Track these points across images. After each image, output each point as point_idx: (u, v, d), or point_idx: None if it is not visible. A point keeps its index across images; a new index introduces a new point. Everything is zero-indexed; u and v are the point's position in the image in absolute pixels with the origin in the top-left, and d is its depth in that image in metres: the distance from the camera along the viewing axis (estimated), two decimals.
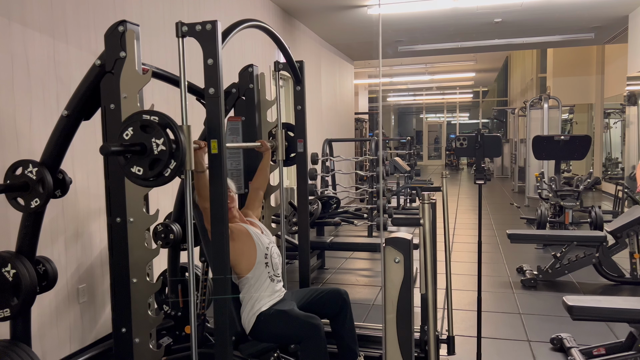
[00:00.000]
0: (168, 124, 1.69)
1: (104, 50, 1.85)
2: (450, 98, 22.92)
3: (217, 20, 1.76)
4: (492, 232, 6.90)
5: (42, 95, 2.75)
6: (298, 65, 2.76)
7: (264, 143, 2.67)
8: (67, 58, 2.91)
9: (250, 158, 2.84)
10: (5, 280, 1.92)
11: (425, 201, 2.07)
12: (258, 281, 2.37)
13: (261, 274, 2.38)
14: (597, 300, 2.89)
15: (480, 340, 2.77)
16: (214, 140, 1.79)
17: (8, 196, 1.98)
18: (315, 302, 2.49)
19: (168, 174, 1.69)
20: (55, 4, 2.84)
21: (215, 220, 1.83)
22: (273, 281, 2.42)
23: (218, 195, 1.82)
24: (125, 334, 1.90)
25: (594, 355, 2.89)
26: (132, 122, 1.69)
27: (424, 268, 2.06)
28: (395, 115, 27.77)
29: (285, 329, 2.27)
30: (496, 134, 3.30)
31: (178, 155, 1.69)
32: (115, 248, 1.90)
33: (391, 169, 8.53)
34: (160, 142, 1.67)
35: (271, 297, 2.39)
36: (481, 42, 8.80)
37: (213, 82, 1.77)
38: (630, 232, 4.29)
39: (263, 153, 2.69)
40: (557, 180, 6.21)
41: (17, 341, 1.99)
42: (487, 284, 4.53)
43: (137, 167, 1.69)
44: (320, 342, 2.19)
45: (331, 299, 2.49)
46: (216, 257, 1.85)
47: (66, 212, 2.91)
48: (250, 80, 2.76)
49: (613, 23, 7.59)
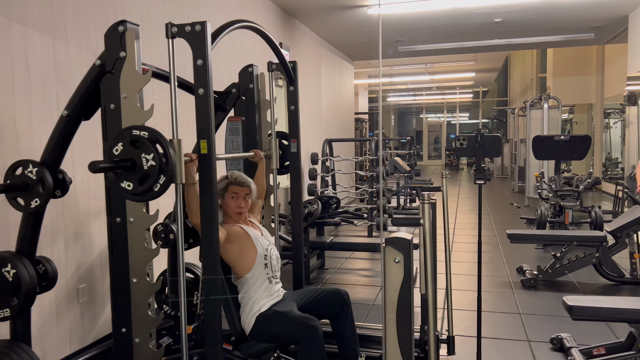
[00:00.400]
0: (158, 140, 1.71)
1: (104, 50, 1.85)
2: (450, 98, 22.92)
3: (206, 21, 1.78)
4: (492, 232, 6.90)
5: (42, 95, 2.75)
6: (291, 65, 2.77)
7: (257, 153, 2.69)
8: (67, 58, 2.91)
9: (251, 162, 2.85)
10: (5, 280, 1.92)
11: (425, 201, 2.07)
12: (257, 282, 2.37)
13: (260, 275, 2.39)
14: (597, 300, 2.89)
15: (480, 340, 2.77)
16: (203, 141, 1.81)
17: (8, 196, 1.98)
18: (316, 303, 2.49)
19: (157, 189, 1.71)
20: (55, 4, 2.83)
21: (205, 220, 1.85)
22: (271, 282, 2.43)
23: (208, 196, 1.84)
24: (125, 334, 1.90)
25: (594, 355, 2.89)
26: (122, 137, 1.71)
27: (424, 268, 2.06)
28: (395, 115, 27.77)
29: (284, 330, 2.27)
30: (496, 134, 3.30)
31: (167, 170, 1.71)
32: (115, 248, 1.90)
33: (391, 169, 8.52)
34: (150, 158, 1.69)
35: (270, 297, 2.40)
36: (481, 42, 8.80)
37: (202, 83, 1.79)
38: (630, 232, 4.29)
39: (257, 162, 2.71)
40: (557, 180, 6.21)
41: (17, 341, 1.99)
42: (487, 284, 4.53)
43: (127, 182, 1.71)
44: (317, 343, 2.19)
45: (331, 299, 2.49)
46: (206, 258, 1.88)
47: (66, 212, 2.91)
48: (250, 80, 2.76)
49: (613, 23, 7.59)
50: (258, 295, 2.36)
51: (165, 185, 1.70)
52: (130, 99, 1.84)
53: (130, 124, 1.83)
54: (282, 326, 2.27)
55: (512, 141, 13.25)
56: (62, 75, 2.88)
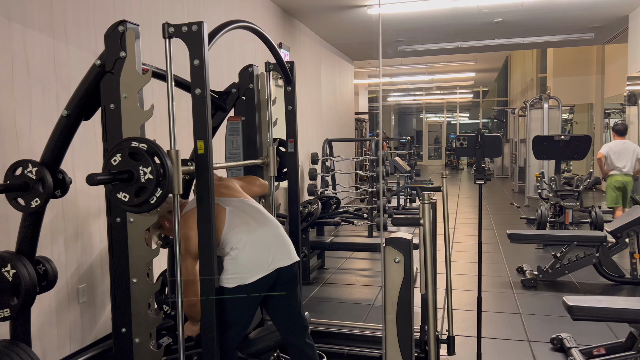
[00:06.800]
0: (156, 152, 1.71)
1: (104, 50, 1.85)
2: (450, 98, 22.92)
3: (203, 21, 1.78)
4: (492, 232, 6.90)
5: (42, 95, 2.75)
6: (289, 65, 2.77)
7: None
8: (67, 58, 2.91)
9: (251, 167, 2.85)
10: (5, 280, 1.92)
11: (425, 201, 2.07)
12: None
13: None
14: (597, 300, 2.89)
15: (480, 340, 2.77)
16: (200, 141, 1.82)
17: (8, 196, 1.98)
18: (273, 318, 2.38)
19: (154, 201, 1.72)
20: (55, 4, 2.83)
21: (202, 220, 1.86)
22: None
23: (205, 197, 1.85)
24: (125, 334, 1.90)
25: (594, 355, 2.89)
26: (121, 148, 1.72)
27: (424, 268, 2.06)
28: (395, 115, 27.77)
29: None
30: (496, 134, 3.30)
31: (165, 183, 1.71)
32: (115, 248, 1.90)
33: (391, 169, 8.52)
34: (147, 171, 1.70)
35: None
36: (481, 42, 8.80)
37: (199, 83, 1.80)
38: (630, 232, 4.29)
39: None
40: (557, 180, 6.21)
41: (17, 341, 1.99)
42: (487, 284, 4.53)
43: (124, 193, 1.72)
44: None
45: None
46: (203, 259, 1.88)
47: (66, 212, 2.91)
48: (250, 80, 2.76)
49: (613, 23, 7.59)
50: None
51: (162, 198, 1.72)
52: (130, 99, 1.84)
53: (131, 124, 1.83)
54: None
55: (512, 141, 13.25)
56: (62, 75, 2.88)
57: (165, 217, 2.25)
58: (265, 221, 2.28)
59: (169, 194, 1.74)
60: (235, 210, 2.21)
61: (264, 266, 2.13)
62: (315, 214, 4.87)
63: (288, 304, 2.28)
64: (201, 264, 1.90)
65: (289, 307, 2.29)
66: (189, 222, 2.02)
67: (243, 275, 2.09)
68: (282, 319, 2.31)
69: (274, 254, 2.18)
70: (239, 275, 2.08)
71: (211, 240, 1.86)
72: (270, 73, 2.78)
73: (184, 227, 2.02)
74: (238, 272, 2.09)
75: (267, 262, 2.14)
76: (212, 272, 1.88)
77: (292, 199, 2.90)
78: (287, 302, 2.27)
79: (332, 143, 8.16)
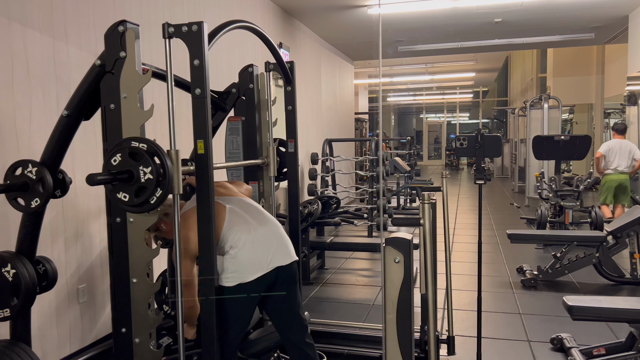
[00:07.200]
0: (156, 152, 1.71)
1: (104, 50, 1.85)
2: (450, 98, 22.92)
3: (203, 21, 1.78)
4: (492, 232, 6.90)
5: (42, 95, 2.75)
6: (288, 65, 2.77)
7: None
8: (67, 58, 2.91)
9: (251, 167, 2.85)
10: (5, 280, 1.92)
11: (425, 201, 2.07)
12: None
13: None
14: (597, 300, 2.89)
15: (480, 340, 2.77)
16: (200, 141, 1.82)
17: (8, 196, 1.97)
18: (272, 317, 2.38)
19: (154, 201, 1.72)
20: (55, 4, 2.83)
21: (202, 221, 1.86)
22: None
23: (204, 197, 1.85)
24: (125, 334, 1.90)
25: (594, 355, 2.89)
26: (121, 148, 1.72)
27: (424, 268, 2.06)
28: (395, 115, 27.76)
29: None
30: (496, 134, 3.30)
31: (164, 183, 1.71)
32: (115, 248, 1.90)
33: (391, 169, 8.52)
34: (147, 171, 1.70)
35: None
36: (481, 42, 8.80)
37: (199, 83, 1.80)
38: (630, 232, 4.29)
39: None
40: (557, 180, 6.22)
41: (17, 341, 1.99)
42: (487, 284, 4.53)
43: (124, 193, 1.72)
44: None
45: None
46: (203, 259, 1.89)
47: (66, 212, 2.91)
48: (250, 80, 2.76)
49: (613, 23, 7.59)
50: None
51: (161, 198, 1.72)
52: (130, 99, 1.84)
53: (131, 124, 1.83)
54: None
55: (512, 141, 13.25)
56: (62, 75, 2.88)
57: (162, 220, 2.26)
58: (264, 220, 2.28)
59: (169, 194, 1.74)
60: (235, 209, 2.22)
61: (263, 265, 2.14)
62: (315, 214, 4.87)
63: (287, 303, 2.27)
64: (201, 263, 1.90)
65: (288, 307, 2.29)
66: (188, 222, 2.03)
67: (243, 273, 2.09)
68: (281, 319, 2.31)
69: (273, 253, 2.18)
70: (239, 273, 2.09)
71: (211, 241, 1.86)
72: (270, 73, 2.77)
73: (183, 227, 2.02)
74: (237, 271, 2.09)
75: (266, 261, 2.15)
76: (212, 272, 1.88)
77: (292, 199, 2.90)
78: (287, 302, 2.27)
79: (332, 143, 8.16)
